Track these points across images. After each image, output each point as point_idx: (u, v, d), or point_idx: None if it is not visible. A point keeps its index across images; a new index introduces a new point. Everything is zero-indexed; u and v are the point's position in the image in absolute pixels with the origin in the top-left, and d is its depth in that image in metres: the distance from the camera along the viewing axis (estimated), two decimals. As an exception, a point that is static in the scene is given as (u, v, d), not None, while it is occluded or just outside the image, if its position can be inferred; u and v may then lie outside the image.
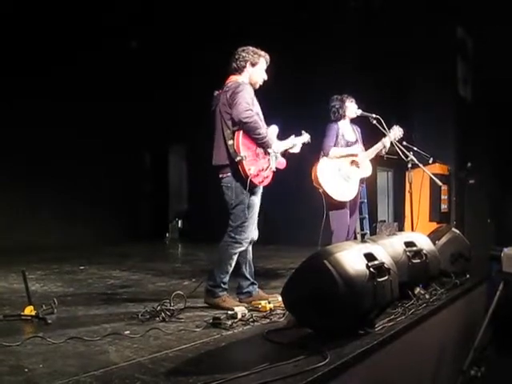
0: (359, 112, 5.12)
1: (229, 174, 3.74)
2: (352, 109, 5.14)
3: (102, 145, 9.35)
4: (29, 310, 3.36)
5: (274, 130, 4.02)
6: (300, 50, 8.81)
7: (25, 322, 3.29)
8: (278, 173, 4.01)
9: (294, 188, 9.05)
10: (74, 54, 8.57)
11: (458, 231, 4.96)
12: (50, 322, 3.24)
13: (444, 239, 4.67)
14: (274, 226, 8.73)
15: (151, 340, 2.89)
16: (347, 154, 5.04)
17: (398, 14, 8.16)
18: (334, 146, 5.02)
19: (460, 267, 4.71)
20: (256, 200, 3.84)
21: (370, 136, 5.30)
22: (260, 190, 3.91)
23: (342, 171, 4.97)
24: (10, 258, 6.53)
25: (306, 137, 4.30)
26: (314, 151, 5.16)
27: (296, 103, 8.72)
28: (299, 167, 5.56)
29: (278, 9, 8.58)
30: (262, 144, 3.77)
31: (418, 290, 3.81)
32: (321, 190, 4.88)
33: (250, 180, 3.67)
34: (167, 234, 11.33)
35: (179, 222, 11.52)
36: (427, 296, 3.83)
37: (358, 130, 5.27)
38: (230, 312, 3.35)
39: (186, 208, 11.58)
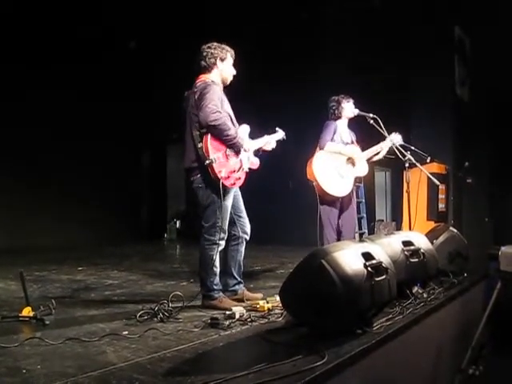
0: (356, 112, 5.13)
1: (199, 175, 3.72)
2: (349, 109, 5.14)
3: (100, 145, 9.36)
4: (27, 311, 3.35)
5: (245, 129, 3.98)
6: (298, 51, 8.82)
7: (23, 323, 3.28)
8: (269, 173, 3.99)
9: (291, 187, 9.08)
10: (74, 54, 8.56)
11: (455, 230, 4.97)
12: (47, 322, 3.24)
13: (442, 238, 4.68)
14: (272, 226, 8.75)
15: (149, 340, 2.89)
16: (344, 152, 5.04)
17: (397, 14, 8.17)
18: (331, 141, 5.02)
19: (458, 266, 4.72)
20: (228, 201, 3.79)
21: (368, 137, 5.30)
22: (232, 192, 3.86)
23: (338, 167, 4.98)
24: (9, 258, 6.52)
25: (280, 134, 4.29)
26: (309, 150, 5.17)
27: (295, 103, 8.74)
28: (296, 167, 5.57)
29: (277, 9, 8.59)
30: (232, 145, 3.73)
31: (415, 289, 3.81)
32: (314, 183, 4.88)
33: (222, 182, 3.65)
34: (165, 235, 11.33)
35: (177, 222, 11.52)
36: (425, 295, 3.84)
37: (354, 134, 5.28)
38: (227, 312, 3.36)
39: (184, 209, 11.57)
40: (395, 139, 5.10)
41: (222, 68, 3.86)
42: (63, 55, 8.46)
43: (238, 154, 3.80)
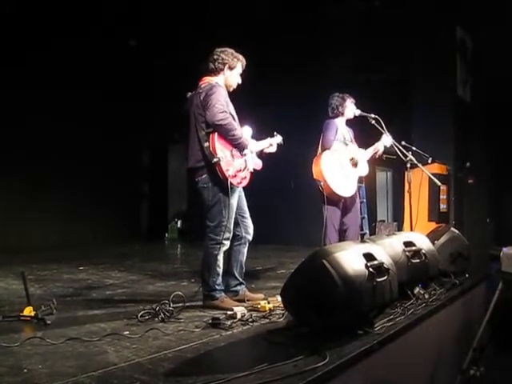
0: (358, 112, 5.13)
1: (205, 175, 3.74)
2: (351, 109, 5.14)
3: (101, 144, 9.35)
4: (28, 311, 3.35)
5: (247, 131, 4.03)
6: (300, 50, 8.82)
7: (24, 322, 3.28)
8: (271, 173, 4.00)
9: (292, 187, 9.08)
10: (74, 53, 8.56)
11: (456, 231, 4.96)
12: (49, 322, 3.24)
13: (443, 239, 4.67)
14: (273, 226, 8.74)
15: (150, 340, 2.89)
16: (348, 151, 5.04)
17: (398, 13, 8.16)
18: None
19: (459, 267, 4.71)
20: (233, 201, 3.81)
21: (367, 137, 5.30)
22: (238, 191, 3.89)
23: (344, 167, 4.97)
24: (9, 258, 6.52)
25: (278, 138, 4.33)
26: (310, 150, 5.17)
27: (296, 103, 8.73)
28: (298, 166, 5.57)
29: (278, 8, 8.59)
30: (238, 145, 3.77)
31: (417, 289, 3.81)
32: (322, 183, 4.87)
33: (229, 181, 3.66)
34: (166, 234, 11.33)
35: (178, 222, 11.52)
36: (426, 296, 3.83)
37: (352, 132, 5.28)
38: (229, 312, 3.36)
39: (185, 208, 11.57)
40: (386, 141, 5.11)
41: (228, 75, 3.91)
42: (63, 55, 8.45)
43: (242, 154, 3.83)
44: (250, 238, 4.03)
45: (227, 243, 3.82)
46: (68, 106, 8.68)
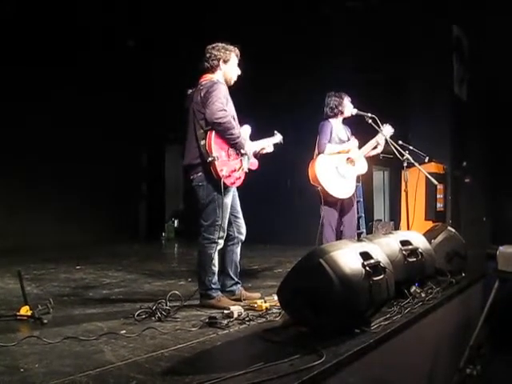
0: (355, 111, 5.12)
1: (200, 173, 3.74)
2: (349, 107, 5.14)
3: (98, 144, 9.33)
4: (25, 310, 3.35)
5: (246, 130, 4.03)
6: (297, 50, 8.82)
7: (20, 321, 3.28)
8: (267, 172, 3.99)
9: (289, 187, 9.08)
10: (72, 54, 8.55)
11: (453, 230, 4.97)
12: (45, 321, 3.24)
13: (440, 238, 4.68)
14: (270, 226, 8.75)
15: (147, 339, 2.89)
16: (343, 150, 5.04)
17: (395, 13, 8.17)
18: (329, 143, 5.02)
19: (456, 266, 4.71)
20: (228, 200, 3.80)
21: (364, 136, 5.30)
22: (232, 191, 3.89)
23: (340, 169, 4.98)
24: (6, 257, 6.51)
25: (278, 137, 4.33)
26: (308, 150, 5.17)
27: (294, 102, 8.74)
28: (295, 166, 5.56)
29: (277, 8, 8.59)
30: (235, 145, 3.76)
31: (413, 288, 3.82)
32: (319, 188, 4.88)
33: (222, 181, 3.67)
34: (163, 234, 11.32)
35: (175, 221, 11.51)
36: (423, 295, 3.84)
37: (349, 129, 5.28)
38: (225, 311, 3.36)
39: (182, 208, 11.57)
40: (387, 131, 5.11)
41: (226, 69, 3.90)
42: (62, 55, 8.44)
43: (238, 154, 3.82)
44: (243, 237, 4.03)
45: (221, 242, 3.82)
46: (66, 106, 8.67)
